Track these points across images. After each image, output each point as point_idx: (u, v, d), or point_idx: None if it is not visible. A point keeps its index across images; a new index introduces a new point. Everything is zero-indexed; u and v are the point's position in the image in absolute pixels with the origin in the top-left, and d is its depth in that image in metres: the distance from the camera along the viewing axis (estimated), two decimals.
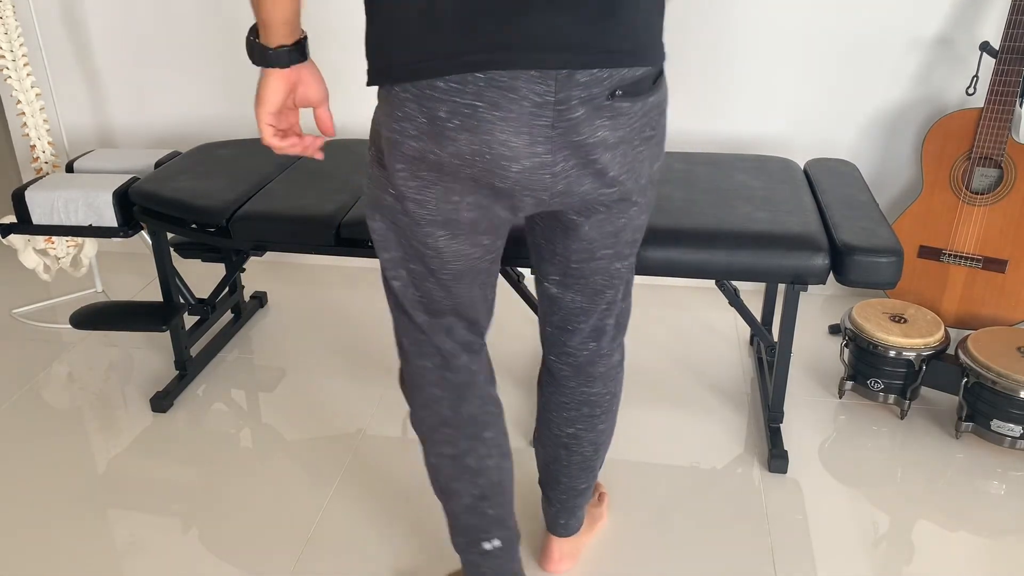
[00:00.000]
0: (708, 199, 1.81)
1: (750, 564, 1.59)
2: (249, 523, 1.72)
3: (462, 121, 1.01)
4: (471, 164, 1.04)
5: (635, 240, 1.24)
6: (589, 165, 1.07)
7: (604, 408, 1.40)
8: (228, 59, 2.57)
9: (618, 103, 1.03)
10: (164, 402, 2.07)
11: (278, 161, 2.11)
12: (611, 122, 1.04)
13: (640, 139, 1.09)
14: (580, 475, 1.46)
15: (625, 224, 1.19)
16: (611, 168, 1.08)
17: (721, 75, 2.35)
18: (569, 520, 1.53)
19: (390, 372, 2.21)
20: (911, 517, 1.71)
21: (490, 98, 0.99)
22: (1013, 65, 2.03)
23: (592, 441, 1.42)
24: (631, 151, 1.09)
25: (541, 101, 1.00)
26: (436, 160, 1.05)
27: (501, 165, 1.04)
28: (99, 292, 2.68)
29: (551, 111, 1.01)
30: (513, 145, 1.02)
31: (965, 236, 2.17)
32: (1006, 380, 1.80)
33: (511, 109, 1.00)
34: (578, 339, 1.33)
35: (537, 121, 1.01)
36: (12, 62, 2.31)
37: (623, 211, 1.17)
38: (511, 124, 1.01)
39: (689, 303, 2.55)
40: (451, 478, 1.31)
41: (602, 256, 1.22)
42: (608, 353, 1.36)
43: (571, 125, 1.02)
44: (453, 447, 1.29)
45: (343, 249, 1.81)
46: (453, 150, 1.03)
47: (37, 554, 1.65)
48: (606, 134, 1.05)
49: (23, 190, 1.98)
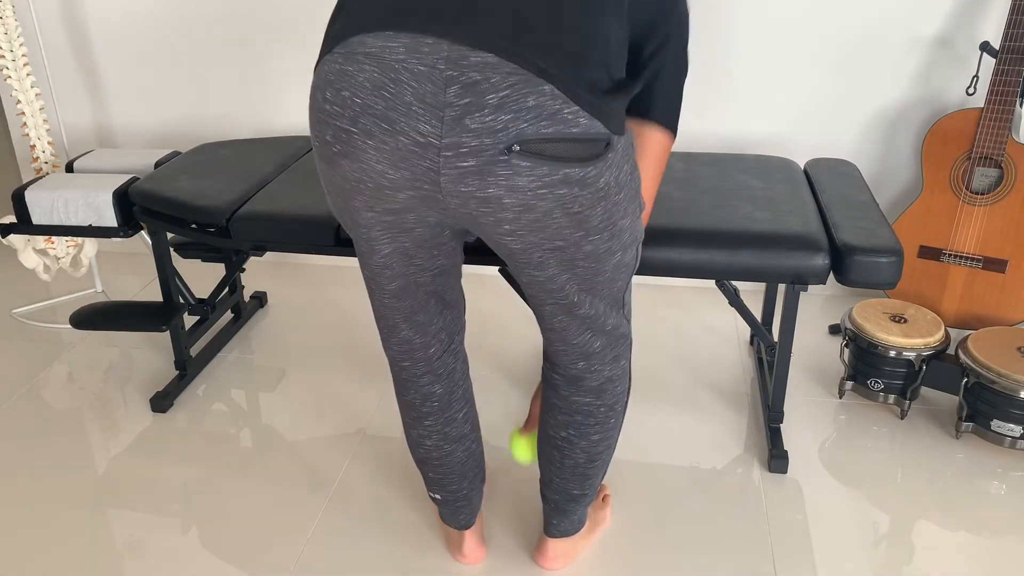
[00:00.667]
0: (708, 199, 1.81)
1: (750, 564, 1.59)
2: (249, 523, 1.72)
3: (342, 147, 0.99)
4: (358, 191, 1.03)
5: (594, 283, 1.18)
6: (489, 225, 1.01)
7: (599, 420, 1.39)
8: (228, 59, 2.57)
9: (515, 160, 0.92)
10: (164, 402, 2.07)
11: (278, 161, 2.11)
12: (507, 182, 0.93)
13: (563, 213, 0.98)
14: (573, 480, 1.46)
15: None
16: (513, 238, 1.02)
17: (721, 75, 2.35)
18: (562, 521, 1.53)
19: (390, 372, 2.21)
20: (911, 517, 1.71)
21: (363, 126, 0.95)
22: (1013, 65, 2.03)
23: (585, 450, 1.42)
24: (549, 222, 1.01)
25: (424, 142, 0.92)
26: (338, 183, 1.06)
27: (384, 193, 1.01)
28: (99, 292, 2.68)
29: (435, 155, 0.93)
30: (392, 177, 0.98)
31: (965, 236, 2.17)
32: (1006, 380, 1.80)
33: (385, 143, 0.94)
34: (566, 357, 1.33)
35: (420, 162, 0.95)
36: (12, 62, 2.31)
37: (561, 268, 1.10)
38: (386, 156, 0.96)
39: (689, 303, 2.55)
40: (406, 437, 1.54)
41: (566, 282, 1.17)
42: (599, 370, 1.34)
43: (459, 174, 0.95)
44: (402, 415, 1.49)
45: (343, 249, 1.81)
46: (340, 175, 1.03)
47: (37, 554, 1.65)
48: (500, 192, 0.95)
49: (23, 190, 1.98)
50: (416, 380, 1.42)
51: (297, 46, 2.52)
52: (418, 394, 1.43)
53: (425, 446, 1.48)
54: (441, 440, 1.46)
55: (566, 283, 1.16)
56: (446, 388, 1.43)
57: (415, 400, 1.44)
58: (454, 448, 1.48)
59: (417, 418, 1.45)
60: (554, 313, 1.25)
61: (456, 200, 0.99)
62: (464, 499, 1.54)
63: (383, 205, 1.04)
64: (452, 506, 1.55)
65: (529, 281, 1.19)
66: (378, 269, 1.24)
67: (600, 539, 1.66)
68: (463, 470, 1.50)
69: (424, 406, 1.44)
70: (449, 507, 1.55)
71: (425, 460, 1.50)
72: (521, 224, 1.02)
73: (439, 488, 1.53)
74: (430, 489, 1.54)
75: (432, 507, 1.75)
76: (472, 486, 1.53)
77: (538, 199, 0.97)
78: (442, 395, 1.43)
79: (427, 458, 1.49)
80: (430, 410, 1.44)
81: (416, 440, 1.48)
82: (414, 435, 1.48)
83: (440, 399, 1.43)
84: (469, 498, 1.54)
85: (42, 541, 1.68)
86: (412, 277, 1.25)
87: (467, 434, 1.49)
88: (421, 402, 1.43)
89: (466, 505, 1.55)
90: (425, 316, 1.33)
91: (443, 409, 1.44)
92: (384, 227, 1.12)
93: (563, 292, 1.19)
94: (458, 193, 0.98)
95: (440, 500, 1.55)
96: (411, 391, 1.43)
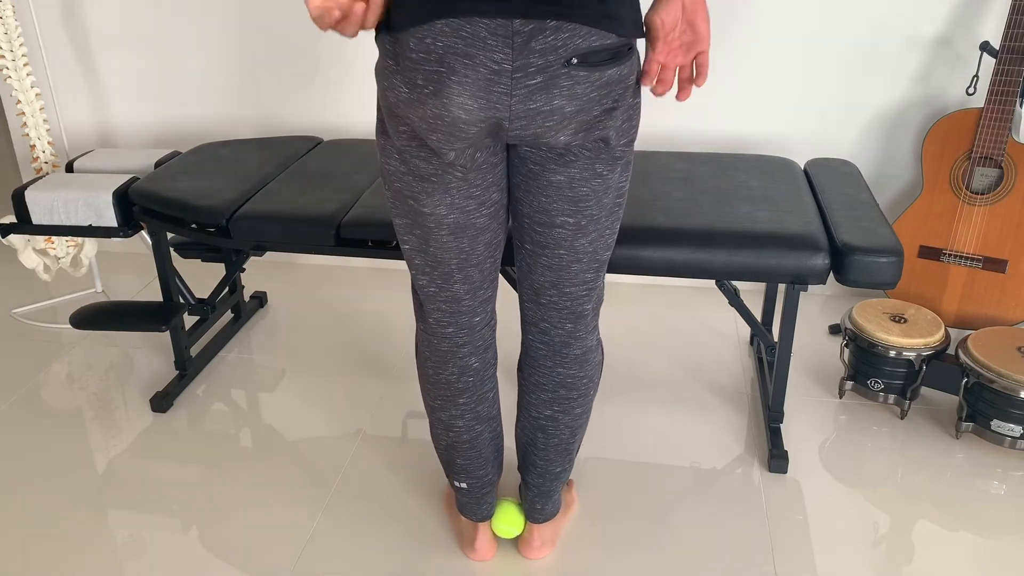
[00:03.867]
0: (708, 199, 1.81)
1: (750, 564, 1.59)
2: (249, 523, 1.72)
3: (434, 87, 1.11)
4: (434, 128, 1.15)
5: (597, 217, 1.29)
6: (546, 131, 1.16)
7: (580, 392, 1.46)
8: (228, 59, 2.57)
9: (575, 71, 1.11)
10: (164, 402, 2.07)
11: (278, 161, 2.11)
12: (568, 91, 1.12)
13: (601, 110, 1.17)
14: (556, 458, 1.52)
15: (587, 194, 1.25)
16: (564, 134, 1.17)
17: (721, 75, 2.35)
18: (545, 505, 1.58)
19: (390, 372, 2.22)
20: (911, 517, 1.71)
21: (450, 64, 1.10)
22: (1013, 65, 2.03)
23: (568, 424, 1.49)
24: (588, 120, 1.17)
25: (499, 69, 1.10)
26: (411, 125, 1.18)
27: (459, 127, 1.15)
28: (99, 292, 2.68)
29: (508, 79, 1.10)
30: (469, 108, 1.12)
31: (965, 236, 2.17)
32: (1006, 380, 1.80)
33: (467, 75, 1.10)
34: (554, 316, 1.40)
35: (495, 88, 1.11)
36: (12, 62, 2.31)
37: (584, 179, 1.24)
38: (467, 88, 1.11)
39: (689, 303, 2.55)
40: (432, 424, 1.54)
41: (562, 224, 1.28)
42: (583, 336, 1.42)
43: (528, 92, 1.11)
44: (431, 399, 1.50)
45: (343, 249, 1.81)
46: (421, 113, 1.14)
47: (37, 554, 1.65)
48: (562, 103, 1.13)
49: (23, 190, 1.98)
50: (456, 351, 1.43)
51: (297, 46, 2.52)
52: (456, 367, 1.44)
53: (456, 427, 1.49)
54: (473, 420, 1.49)
55: (588, 195, 1.26)
56: (482, 363, 1.47)
57: (452, 376, 1.45)
58: (483, 429, 1.51)
59: (451, 397, 1.47)
60: (557, 245, 1.31)
61: (522, 121, 1.14)
62: (488, 485, 1.57)
63: (454, 144, 1.18)
64: (477, 494, 1.57)
65: (550, 198, 1.27)
66: (438, 204, 1.27)
67: (601, 539, 1.66)
68: (490, 454, 1.54)
69: (460, 382, 1.46)
70: (474, 495, 1.57)
71: (455, 445, 1.52)
72: (574, 126, 1.17)
73: (466, 475, 1.54)
74: (456, 479, 1.56)
75: (434, 506, 1.75)
76: (496, 473, 1.58)
77: (591, 102, 1.15)
78: (478, 370, 1.46)
79: (457, 442, 1.51)
80: (465, 386, 1.46)
81: (447, 423, 1.50)
82: (444, 417, 1.49)
83: (476, 374, 1.46)
84: (493, 484, 1.58)
85: (42, 541, 1.68)
86: (470, 215, 1.29)
87: (495, 416, 1.53)
88: (458, 377, 1.45)
89: (489, 492, 1.58)
90: (479, 274, 1.37)
91: (478, 386, 1.47)
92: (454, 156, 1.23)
93: (579, 207, 1.27)
94: (525, 112, 1.13)
95: (466, 489, 1.56)
96: (449, 365, 1.44)
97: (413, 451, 1.92)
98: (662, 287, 2.66)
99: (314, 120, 2.62)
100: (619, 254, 1.68)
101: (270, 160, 2.11)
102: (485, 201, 1.29)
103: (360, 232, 1.78)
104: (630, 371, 2.20)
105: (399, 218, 1.32)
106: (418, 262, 1.36)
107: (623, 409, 2.05)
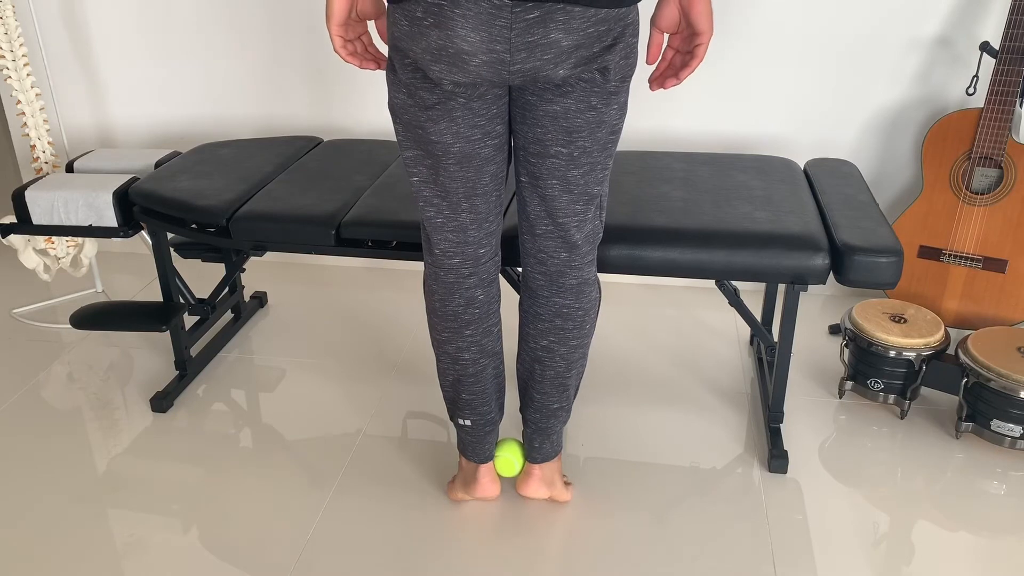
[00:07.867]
0: (708, 199, 1.81)
1: (750, 564, 1.59)
2: (249, 523, 1.72)
3: (434, 19, 1.18)
4: (437, 59, 1.22)
5: (590, 151, 1.35)
6: (545, 63, 1.23)
7: (576, 323, 1.53)
8: (228, 59, 2.57)
9: (570, 7, 1.18)
10: (164, 402, 2.07)
11: (278, 161, 2.11)
12: (564, 25, 1.19)
13: (601, 47, 1.23)
14: (552, 392, 1.58)
15: (581, 126, 1.32)
16: (563, 68, 1.23)
17: (721, 75, 2.35)
18: (543, 443, 1.64)
19: (390, 372, 2.22)
20: (911, 517, 1.71)
21: None
22: (1013, 65, 2.03)
23: (564, 356, 1.55)
24: (588, 55, 1.23)
25: (499, 3, 1.17)
26: (415, 58, 1.25)
27: (462, 59, 1.21)
28: (99, 292, 2.68)
29: (508, 13, 1.17)
30: (472, 40, 1.19)
31: (965, 236, 2.17)
32: (1006, 380, 1.80)
33: (470, 8, 1.17)
34: (550, 246, 1.47)
35: (496, 21, 1.18)
36: (12, 62, 2.31)
37: (579, 110, 1.30)
38: (470, 21, 1.18)
39: (689, 303, 2.55)
40: (438, 358, 1.60)
41: (556, 154, 1.35)
42: (579, 267, 1.49)
43: (526, 25, 1.18)
44: (438, 333, 1.56)
45: (343, 249, 1.81)
46: (424, 45, 1.21)
47: (37, 554, 1.65)
48: (559, 36, 1.20)
49: (23, 190, 1.98)
50: (462, 283, 1.50)
51: (298, 46, 2.52)
52: (462, 299, 1.51)
53: (463, 360, 1.55)
54: (479, 353, 1.56)
55: (582, 127, 1.32)
56: (487, 296, 1.53)
57: (458, 308, 1.51)
58: (488, 363, 1.58)
59: (457, 329, 1.53)
60: (551, 175, 1.38)
61: (522, 54, 1.21)
62: (491, 423, 1.63)
63: (456, 75, 1.24)
64: (480, 431, 1.63)
65: (545, 128, 1.33)
66: (444, 132, 1.33)
67: (601, 539, 1.66)
68: (493, 390, 1.61)
69: (466, 313, 1.52)
70: (478, 433, 1.63)
71: (461, 379, 1.58)
72: (572, 60, 1.23)
73: (471, 411, 1.61)
74: (460, 416, 1.62)
75: (433, 503, 1.75)
76: (498, 412, 1.64)
77: (589, 38, 1.21)
78: (483, 302, 1.53)
79: (463, 376, 1.57)
80: (471, 318, 1.52)
81: (453, 355, 1.55)
82: (451, 350, 1.55)
83: (481, 306, 1.53)
84: (494, 424, 1.64)
85: (42, 541, 1.68)
86: (475, 144, 1.35)
87: (498, 352, 1.60)
88: (464, 308, 1.51)
89: (492, 431, 1.64)
90: (484, 205, 1.44)
91: (483, 318, 1.53)
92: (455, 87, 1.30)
93: (572, 138, 1.33)
94: (524, 45, 1.20)
95: (470, 427, 1.62)
96: (455, 297, 1.50)
97: (413, 451, 1.92)
98: (662, 287, 2.66)
99: (314, 120, 2.62)
100: (619, 254, 1.68)
101: (270, 160, 2.11)
102: (490, 132, 1.36)
103: (360, 232, 1.78)
104: (630, 371, 2.20)
105: (409, 151, 1.39)
106: (427, 193, 1.43)
107: (623, 409, 2.05)
